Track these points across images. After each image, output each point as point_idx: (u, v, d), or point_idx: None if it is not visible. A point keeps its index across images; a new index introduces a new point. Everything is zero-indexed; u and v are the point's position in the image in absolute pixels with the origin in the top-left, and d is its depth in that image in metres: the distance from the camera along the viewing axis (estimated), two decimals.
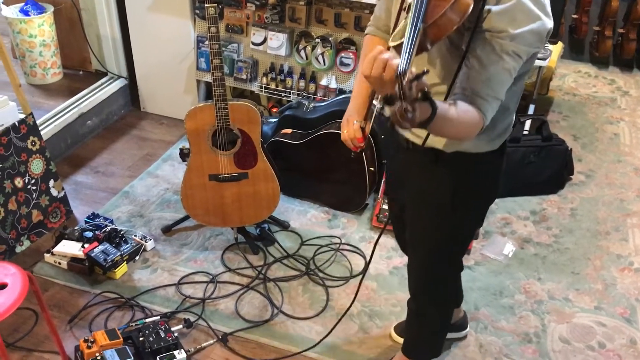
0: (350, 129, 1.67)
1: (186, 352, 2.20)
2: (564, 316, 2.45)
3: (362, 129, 1.66)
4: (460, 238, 1.84)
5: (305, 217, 2.98)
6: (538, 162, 3.09)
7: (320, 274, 2.64)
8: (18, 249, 2.74)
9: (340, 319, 2.23)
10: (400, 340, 2.26)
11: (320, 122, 2.94)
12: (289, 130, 3.03)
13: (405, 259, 1.99)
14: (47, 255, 2.67)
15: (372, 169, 2.88)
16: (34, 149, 2.72)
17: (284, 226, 2.91)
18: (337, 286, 2.58)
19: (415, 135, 1.68)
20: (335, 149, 2.85)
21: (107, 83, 3.76)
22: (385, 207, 2.84)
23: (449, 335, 2.21)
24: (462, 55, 1.40)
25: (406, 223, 1.89)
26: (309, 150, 2.94)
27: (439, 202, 1.71)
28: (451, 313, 2.10)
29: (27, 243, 2.78)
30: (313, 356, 2.27)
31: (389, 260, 2.71)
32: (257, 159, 2.58)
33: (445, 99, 1.43)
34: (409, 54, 1.22)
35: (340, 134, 1.72)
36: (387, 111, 1.26)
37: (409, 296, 2.01)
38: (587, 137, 3.67)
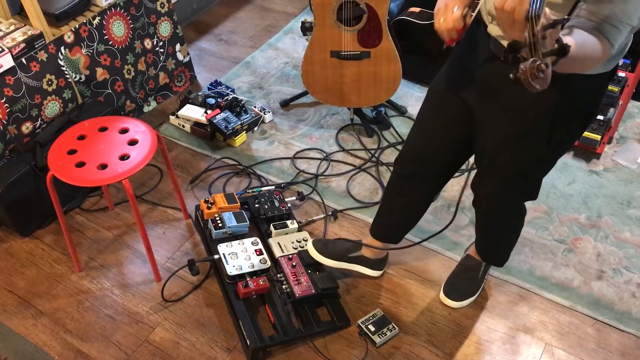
0: (449, 17, 1.39)
1: (298, 222, 2.27)
2: None
3: (464, 18, 1.37)
4: (545, 164, 1.63)
5: None
6: None
7: None
8: (145, 109, 2.88)
9: (455, 213, 2.17)
10: None
11: None
12: (417, 9, 2.85)
13: None
14: (172, 117, 2.79)
15: None
16: (162, 11, 2.76)
17: (401, 111, 2.83)
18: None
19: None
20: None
21: None
22: None
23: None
24: None
25: (477, 132, 1.66)
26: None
27: (535, 123, 1.49)
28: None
29: (153, 104, 2.91)
30: (423, 243, 2.26)
31: None
32: (382, 38, 2.47)
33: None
34: None
35: None
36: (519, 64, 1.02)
37: None
38: None
